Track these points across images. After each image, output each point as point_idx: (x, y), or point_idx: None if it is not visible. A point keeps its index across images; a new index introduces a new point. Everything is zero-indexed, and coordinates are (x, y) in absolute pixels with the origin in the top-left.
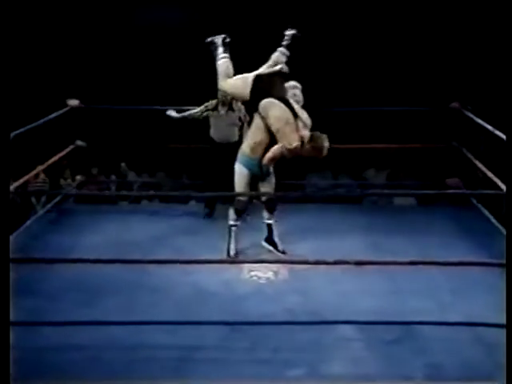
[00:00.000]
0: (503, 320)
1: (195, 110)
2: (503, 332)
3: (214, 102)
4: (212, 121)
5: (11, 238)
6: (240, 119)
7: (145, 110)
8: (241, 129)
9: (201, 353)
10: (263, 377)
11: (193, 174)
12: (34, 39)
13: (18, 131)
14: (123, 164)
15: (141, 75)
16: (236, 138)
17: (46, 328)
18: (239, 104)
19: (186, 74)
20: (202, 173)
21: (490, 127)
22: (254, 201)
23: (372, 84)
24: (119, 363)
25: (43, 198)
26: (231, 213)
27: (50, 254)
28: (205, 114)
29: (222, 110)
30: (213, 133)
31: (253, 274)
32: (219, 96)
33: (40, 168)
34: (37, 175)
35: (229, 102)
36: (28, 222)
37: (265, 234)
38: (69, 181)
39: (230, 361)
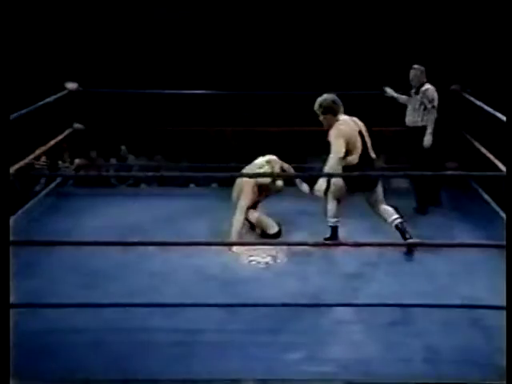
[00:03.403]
0: (502, 302)
1: (403, 96)
2: (502, 314)
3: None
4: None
5: (11, 220)
6: (422, 104)
7: (142, 94)
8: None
9: (200, 336)
10: (262, 360)
11: (192, 157)
12: (33, 22)
13: (15, 114)
14: (123, 147)
15: (139, 58)
16: (411, 124)
17: (45, 310)
18: (427, 88)
19: (184, 57)
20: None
21: (489, 109)
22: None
23: (371, 67)
24: (119, 346)
25: (43, 180)
26: None
27: (49, 237)
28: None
29: (411, 94)
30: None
31: (252, 258)
32: (412, 78)
33: (39, 151)
34: (37, 158)
35: (418, 85)
36: (27, 205)
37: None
38: (67, 164)
39: (230, 344)
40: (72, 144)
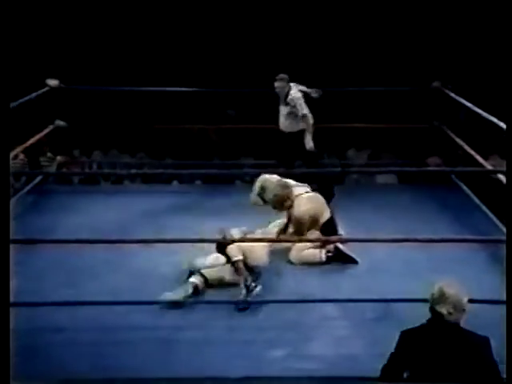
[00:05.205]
0: (483, 296)
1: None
2: (484, 308)
3: None
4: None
5: None
6: (292, 113)
7: (125, 91)
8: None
9: (183, 333)
10: (245, 358)
11: (175, 153)
12: (13, 18)
13: None
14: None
15: (121, 55)
16: (287, 130)
17: (25, 309)
18: (297, 98)
19: (167, 54)
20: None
21: (470, 105)
22: None
23: (353, 64)
24: (100, 344)
25: (23, 179)
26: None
27: (30, 235)
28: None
29: (281, 102)
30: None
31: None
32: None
33: (19, 148)
34: (15, 156)
35: (284, 95)
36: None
37: None
38: (48, 162)
39: (213, 341)
40: (54, 141)
